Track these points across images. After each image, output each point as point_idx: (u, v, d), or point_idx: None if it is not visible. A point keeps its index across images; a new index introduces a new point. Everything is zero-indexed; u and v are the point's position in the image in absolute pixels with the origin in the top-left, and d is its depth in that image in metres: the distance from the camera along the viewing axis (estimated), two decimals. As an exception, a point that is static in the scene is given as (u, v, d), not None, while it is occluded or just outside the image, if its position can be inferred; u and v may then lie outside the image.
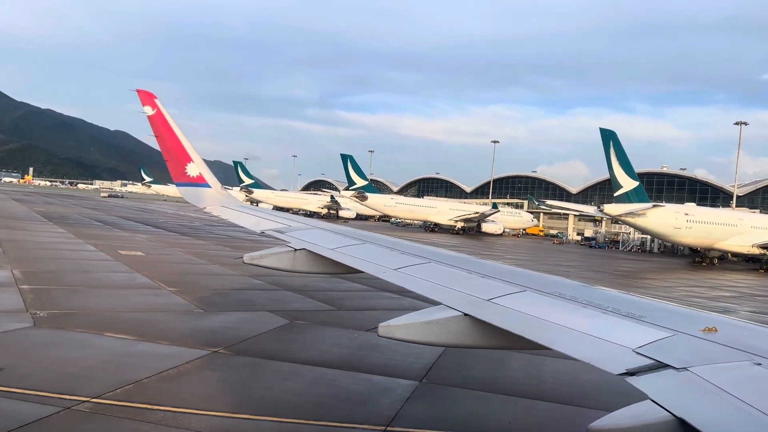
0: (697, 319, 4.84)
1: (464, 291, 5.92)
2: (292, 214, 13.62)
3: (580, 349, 4.33)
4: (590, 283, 6.53)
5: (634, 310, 4.94)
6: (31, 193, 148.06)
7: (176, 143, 13.76)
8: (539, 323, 4.93)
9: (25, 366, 11.07)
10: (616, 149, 57.17)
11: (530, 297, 5.64)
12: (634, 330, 4.51)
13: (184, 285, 21.87)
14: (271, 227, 10.63)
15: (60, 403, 9.27)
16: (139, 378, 10.84)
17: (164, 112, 13.56)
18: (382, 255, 7.99)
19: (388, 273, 7.02)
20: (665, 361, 3.83)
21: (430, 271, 6.95)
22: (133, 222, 61.05)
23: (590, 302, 5.28)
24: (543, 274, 6.96)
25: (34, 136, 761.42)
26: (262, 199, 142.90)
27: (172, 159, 13.72)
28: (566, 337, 4.60)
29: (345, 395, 11.18)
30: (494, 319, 5.12)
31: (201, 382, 11.15)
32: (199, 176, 13.95)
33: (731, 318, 5.11)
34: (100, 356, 12.20)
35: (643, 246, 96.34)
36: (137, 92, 13.52)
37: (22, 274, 21.33)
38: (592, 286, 6.26)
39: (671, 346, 4.15)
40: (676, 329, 4.44)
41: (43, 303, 16.56)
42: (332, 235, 9.74)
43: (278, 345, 14.55)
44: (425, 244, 10.67)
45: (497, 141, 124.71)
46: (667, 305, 5.58)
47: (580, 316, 4.98)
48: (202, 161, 14.07)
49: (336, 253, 8.25)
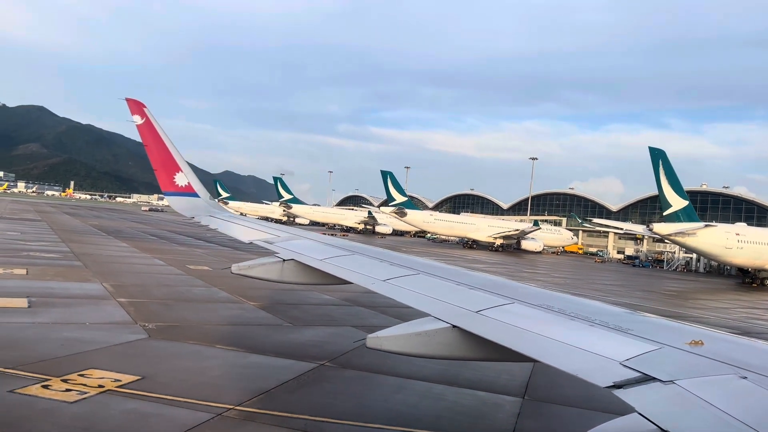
0: (683, 332, 4.89)
1: (453, 302, 5.90)
2: (282, 225, 13.57)
3: (568, 362, 4.33)
4: (642, 304, 6.84)
5: (621, 323, 4.99)
6: (76, 206, 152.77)
7: (165, 152, 13.67)
8: (527, 335, 4.91)
9: (161, 375, 11.92)
10: (666, 168, 56.81)
11: (519, 309, 5.62)
12: (621, 343, 4.52)
13: (261, 299, 22.70)
14: (260, 237, 10.51)
15: (210, 410, 10.05)
16: (266, 388, 11.60)
17: (153, 121, 13.47)
18: (371, 266, 7.94)
19: (377, 284, 6.95)
20: (652, 374, 3.84)
21: (419, 282, 6.90)
22: (183, 236, 62.79)
23: (578, 315, 5.30)
24: (530, 286, 7.00)
25: (75, 150, 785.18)
26: (300, 214, 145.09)
27: (161, 168, 13.65)
28: (554, 349, 4.60)
29: (458, 409, 11.75)
30: (483, 330, 5.09)
31: (322, 393, 11.85)
32: (188, 186, 13.94)
33: (716, 331, 5.13)
34: (222, 367, 13.02)
35: (688, 265, 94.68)
36: (126, 101, 13.40)
37: (112, 287, 22.48)
38: (579, 299, 6.30)
39: (658, 359, 4.16)
40: (662, 342, 4.45)
41: (145, 316, 17.55)
42: (321, 245, 9.62)
43: (376, 359, 15.16)
44: (467, 261, 10.77)
45: (536, 158, 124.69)
46: (653, 318, 5.60)
47: (568, 328, 4.98)
48: (191, 171, 14.04)
49: (324, 263, 8.15)
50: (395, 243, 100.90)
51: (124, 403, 10.01)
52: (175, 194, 13.87)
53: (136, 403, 10.08)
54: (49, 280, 23.20)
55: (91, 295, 20.73)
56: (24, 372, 11.13)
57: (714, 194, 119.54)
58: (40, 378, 10.81)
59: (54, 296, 19.66)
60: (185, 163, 13.98)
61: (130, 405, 9.97)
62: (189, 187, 13.94)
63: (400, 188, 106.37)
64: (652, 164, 56.96)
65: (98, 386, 10.65)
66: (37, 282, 22.35)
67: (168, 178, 13.69)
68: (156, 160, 13.60)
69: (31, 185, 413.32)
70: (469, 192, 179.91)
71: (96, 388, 10.56)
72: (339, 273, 7.71)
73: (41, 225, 61.39)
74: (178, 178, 13.81)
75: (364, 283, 7.09)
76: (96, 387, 10.60)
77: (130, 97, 13.49)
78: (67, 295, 20.30)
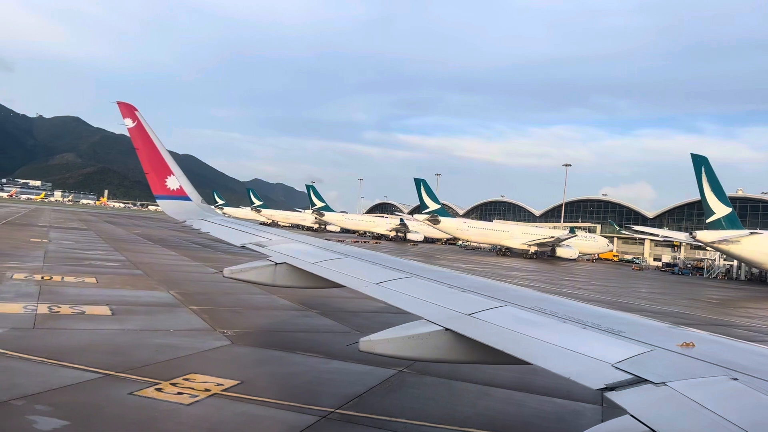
0: (674, 334, 4.91)
1: (445, 305, 5.89)
2: (275, 228, 13.55)
3: (560, 364, 4.34)
4: (690, 312, 6.91)
5: (613, 325, 5.01)
6: (115, 215, 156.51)
7: (157, 156, 13.61)
8: (520, 338, 4.91)
9: (256, 379, 12.56)
10: (708, 175, 56.19)
11: (511, 311, 5.64)
12: (613, 345, 4.54)
13: (320, 307, 23.28)
14: (252, 241, 10.50)
15: (313, 413, 10.62)
16: (357, 392, 12.15)
17: (145, 124, 13.41)
18: (363, 269, 7.93)
19: (369, 287, 6.93)
20: (644, 376, 3.85)
21: (411, 285, 6.90)
22: (224, 244, 63.97)
23: (570, 317, 5.31)
24: (523, 289, 7.01)
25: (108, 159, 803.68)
26: (331, 221, 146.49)
27: (153, 172, 13.58)
28: (546, 352, 4.61)
29: (543, 415, 12.14)
30: (475, 333, 5.10)
31: (411, 398, 12.35)
32: (180, 189, 13.89)
33: (707, 333, 5.15)
34: (309, 372, 13.61)
35: (729, 273, 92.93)
36: (118, 104, 13.35)
37: (180, 295, 23.37)
38: (570, 301, 6.29)
39: (649, 360, 4.18)
40: (654, 344, 4.47)
41: (220, 323, 18.29)
42: (313, 248, 9.64)
43: (449, 366, 15.65)
44: (503, 269, 10.70)
45: (569, 164, 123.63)
46: (645, 320, 5.61)
47: (560, 331, 5.00)
48: (182, 174, 13.99)
49: (317, 267, 8.15)
50: (429, 250, 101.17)
51: (234, 406, 10.65)
52: (166, 198, 13.81)
53: (245, 406, 10.71)
54: (120, 288, 24.22)
55: (163, 302, 21.63)
56: (134, 376, 11.88)
57: (753, 200, 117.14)
58: (150, 382, 11.54)
59: (130, 304, 20.58)
60: (177, 166, 13.95)
61: (239, 408, 10.60)
62: (181, 190, 13.91)
63: (433, 195, 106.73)
64: (695, 171, 56.39)
65: (205, 390, 11.32)
66: (109, 290, 23.35)
67: (159, 182, 13.64)
68: (147, 164, 13.54)
69: (67, 194, 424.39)
70: (499, 198, 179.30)
71: (203, 391, 11.23)
72: (331, 276, 7.68)
73: (89, 234, 63.37)
74: (170, 182, 13.75)
75: (356, 287, 7.08)
76: (203, 390, 11.27)
77: (136, 103, 13.41)
78: (142, 303, 21.22)
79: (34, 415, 9.39)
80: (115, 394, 10.78)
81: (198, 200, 14.25)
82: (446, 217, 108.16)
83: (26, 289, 21.73)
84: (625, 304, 37.39)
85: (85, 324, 16.73)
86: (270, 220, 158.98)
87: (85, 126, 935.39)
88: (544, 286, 45.59)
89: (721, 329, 29.64)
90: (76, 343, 14.31)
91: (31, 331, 15.34)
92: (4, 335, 14.54)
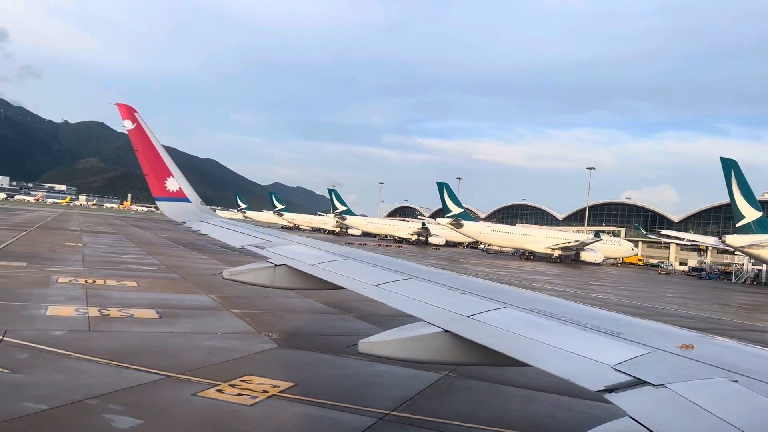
0: (674, 335, 4.91)
1: (445, 307, 5.88)
2: (273, 229, 13.55)
3: (559, 366, 4.33)
4: (721, 317, 6.83)
5: (613, 327, 5.01)
6: (139, 219, 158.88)
7: (156, 157, 13.71)
8: (519, 340, 4.90)
9: (310, 381, 12.91)
10: (738, 179, 55.56)
11: (510, 313, 5.64)
12: (613, 347, 4.54)
13: (356, 311, 23.62)
14: (251, 242, 10.49)
15: (370, 414, 10.94)
16: (408, 395, 12.44)
17: (144, 126, 13.48)
18: (363, 271, 7.91)
19: (369, 289, 6.92)
20: (643, 378, 3.84)
21: (411, 286, 6.88)
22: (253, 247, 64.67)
23: (569, 319, 5.30)
24: (521, 290, 7.03)
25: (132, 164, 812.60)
26: (353, 225, 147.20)
27: (152, 173, 13.66)
28: (546, 353, 4.60)
29: (591, 420, 12.29)
30: (475, 335, 5.10)
31: (461, 401, 12.61)
32: (179, 191, 13.97)
33: (707, 335, 5.14)
34: (358, 375, 13.94)
35: (758, 278, 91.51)
36: (117, 106, 13.43)
37: (220, 299, 23.88)
38: (569, 302, 6.30)
39: (649, 362, 4.18)
40: (653, 346, 4.47)
41: (264, 326, 18.71)
42: (312, 250, 9.60)
43: (493, 371, 15.85)
44: (528, 273, 10.62)
45: (593, 167, 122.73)
46: (644, 322, 5.61)
47: (560, 333, 4.99)
48: (182, 175, 14.09)
49: (316, 268, 8.14)
50: (452, 254, 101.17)
51: (293, 407, 11.02)
52: (166, 199, 13.90)
53: (303, 408, 11.06)
54: (161, 291, 24.84)
55: (206, 306, 22.16)
56: (193, 377, 12.32)
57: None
58: (210, 383, 11.95)
59: (175, 307, 21.14)
60: (176, 168, 14.04)
61: (299, 409, 10.96)
62: (180, 192, 13.99)
63: (456, 199, 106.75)
64: (724, 174, 55.78)
65: (263, 391, 11.70)
66: (151, 294, 23.97)
67: (159, 184, 13.73)
68: (147, 166, 13.65)
69: (92, 198, 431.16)
70: (521, 202, 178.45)
71: (262, 393, 11.61)
72: (331, 278, 7.69)
73: (120, 237, 64.63)
74: (169, 183, 13.84)
75: (355, 288, 7.08)
76: (261, 392, 11.65)
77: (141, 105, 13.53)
78: (186, 306, 21.78)
79: (109, 414, 9.85)
80: (180, 395, 11.22)
81: (197, 202, 14.36)
82: (469, 221, 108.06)
83: (73, 293, 22.42)
84: (654, 309, 37.15)
85: (136, 327, 17.26)
86: (292, 224, 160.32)
87: (109, 131, 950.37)
88: (571, 291, 45.46)
89: (756, 335, 29.39)
90: (132, 345, 14.81)
91: (88, 333, 15.91)
92: (63, 337, 15.12)
